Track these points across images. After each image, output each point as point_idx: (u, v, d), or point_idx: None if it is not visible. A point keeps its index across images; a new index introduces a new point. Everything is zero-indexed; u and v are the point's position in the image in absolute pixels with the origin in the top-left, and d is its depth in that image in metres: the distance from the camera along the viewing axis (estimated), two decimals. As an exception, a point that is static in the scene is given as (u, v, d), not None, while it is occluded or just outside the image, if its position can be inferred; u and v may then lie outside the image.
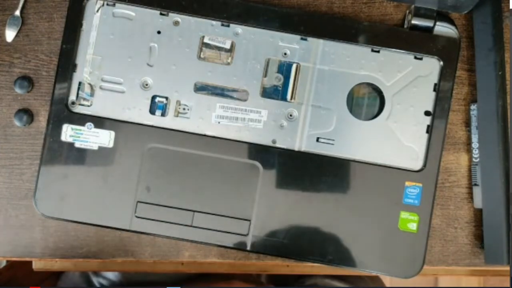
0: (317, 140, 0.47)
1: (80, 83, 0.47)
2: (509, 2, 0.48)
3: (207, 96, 0.47)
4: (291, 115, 0.47)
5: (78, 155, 0.46)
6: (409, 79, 0.47)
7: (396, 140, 0.47)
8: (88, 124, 0.46)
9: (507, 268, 0.48)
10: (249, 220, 0.46)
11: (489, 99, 0.47)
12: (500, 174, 0.46)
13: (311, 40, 0.47)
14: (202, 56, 0.47)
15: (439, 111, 0.46)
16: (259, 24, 0.46)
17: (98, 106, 0.47)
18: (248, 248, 0.46)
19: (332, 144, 0.46)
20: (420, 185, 0.46)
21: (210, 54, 0.47)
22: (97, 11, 0.47)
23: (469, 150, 0.49)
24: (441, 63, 0.46)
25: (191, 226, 0.46)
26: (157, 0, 0.46)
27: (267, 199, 0.46)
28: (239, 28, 0.46)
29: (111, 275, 0.66)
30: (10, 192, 0.48)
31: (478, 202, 0.48)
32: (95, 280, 0.66)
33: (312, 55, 0.47)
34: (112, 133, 0.46)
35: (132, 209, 0.46)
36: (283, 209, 0.46)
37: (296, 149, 0.46)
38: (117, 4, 0.46)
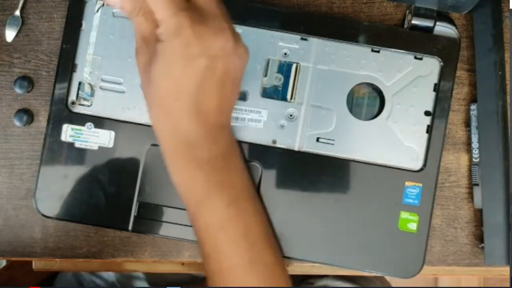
0: (317, 140, 0.47)
1: (80, 83, 0.47)
2: (509, 2, 0.48)
3: (207, 96, 0.47)
4: (291, 115, 0.47)
5: (78, 155, 0.46)
6: (409, 79, 0.47)
7: (396, 140, 0.47)
8: (88, 124, 0.46)
9: (507, 268, 0.48)
10: (249, 220, 0.46)
11: (489, 99, 0.47)
12: (500, 174, 0.46)
13: (311, 40, 0.47)
14: (202, 56, 0.46)
15: (439, 111, 0.46)
16: (259, 24, 0.46)
17: (98, 106, 0.47)
18: (248, 248, 0.46)
19: (332, 144, 0.46)
20: (420, 185, 0.46)
21: (210, 54, 0.47)
22: (97, 11, 0.47)
23: (469, 150, 0.49)
24: (441, 63, 0.46)
25: (191, 226, 0.46)
26: (157, 0, 0.46)
27: (267, 199, 0.46)
28: (239, 28, 0.46)
29: (109, 274, 0.66)
30: (10, 192, 0.48)
31: (478, 202, 0.48)
32: (88, 279, 0.66)
33: (312, 55, 0.47)
34: (112, 133, 0.46)
35: (132, 209, 0.46)
36: (283, 209, 0.46)
37: (296, 149, 0.46)
38: (117, 4, 0.46)
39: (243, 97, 0.47)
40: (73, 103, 0.47)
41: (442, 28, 0.47)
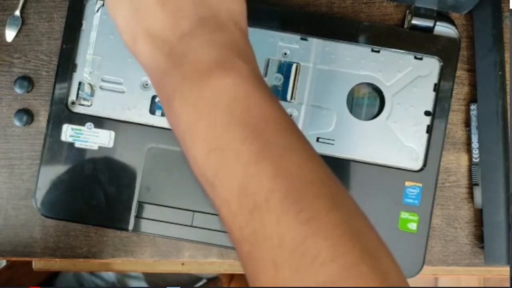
0: (317, 140, 0.46)
1: (80, 83, 0.47)
2: (509, 2, 0.48)
3: (207, 96, 0.47)
4: (291, 115, 0.47)
5: (78, 155, 0.46)
6: (409, 79, 0.47)
7: (396, 140, 0.47)
8: (88, 124, 0.46)
9: (507, 268, 0.48)
10: (249, 220, 0.46)
11: (489, 99, 0.47)
12: (500, 174, 0.46)
13: (311, 40, 0.47)
14: (202, 56, 0.46)
15: (439, 111, 0.46)
16: (259, 24, 0.46)
17: (98, 106, 0.47)
18: (248, 248, 0.46)
19: (332, 144, 0.46)
20: (420, 185, 0.46)
21: (210, 54, 0.47)
22: (97, 11, 0.47)
23: (469, 150, 0.49)
24: (441, 63, 0.46)
25: (191, 226, 0.46)
26: (157, 0, 0.46)
27: (267, 199, 0.46)
28: (239, 28, 0.46)
29: (109, 274, 0.66)
30: (10, 192, 0.48)
31: (478, 202, 0.48)
32: (89, 279, 0.66)
33: (312, 55, 0.47)
34: (112, 133, 0.46)
35: (132, 209, 0.46)
36: (283, 209, 0.46)
37: (296, 149, 0.46)
38: (117, 4, 0.46)
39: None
40: (73, 103, 0.47)
41: (442, 28, 0.47)
